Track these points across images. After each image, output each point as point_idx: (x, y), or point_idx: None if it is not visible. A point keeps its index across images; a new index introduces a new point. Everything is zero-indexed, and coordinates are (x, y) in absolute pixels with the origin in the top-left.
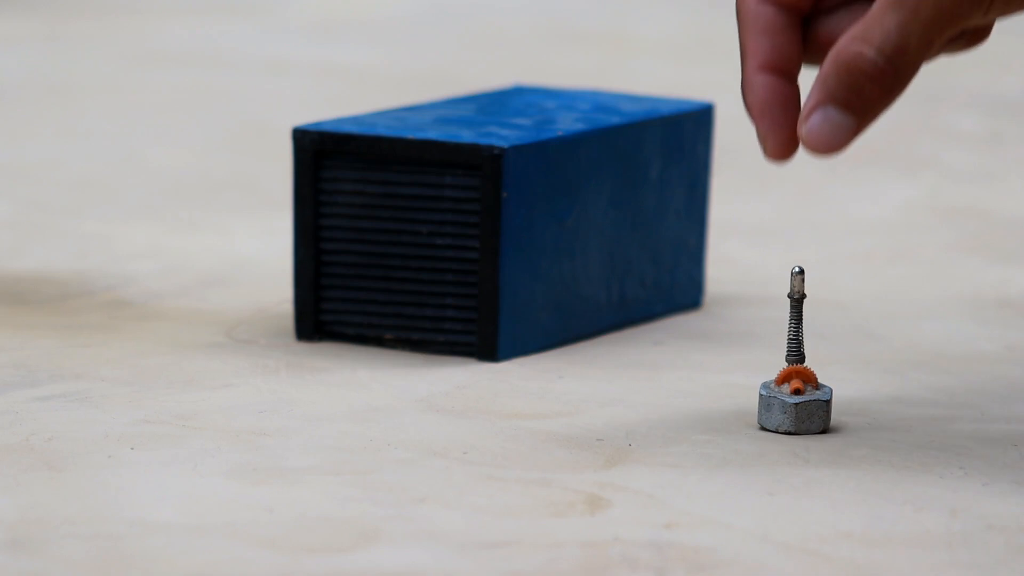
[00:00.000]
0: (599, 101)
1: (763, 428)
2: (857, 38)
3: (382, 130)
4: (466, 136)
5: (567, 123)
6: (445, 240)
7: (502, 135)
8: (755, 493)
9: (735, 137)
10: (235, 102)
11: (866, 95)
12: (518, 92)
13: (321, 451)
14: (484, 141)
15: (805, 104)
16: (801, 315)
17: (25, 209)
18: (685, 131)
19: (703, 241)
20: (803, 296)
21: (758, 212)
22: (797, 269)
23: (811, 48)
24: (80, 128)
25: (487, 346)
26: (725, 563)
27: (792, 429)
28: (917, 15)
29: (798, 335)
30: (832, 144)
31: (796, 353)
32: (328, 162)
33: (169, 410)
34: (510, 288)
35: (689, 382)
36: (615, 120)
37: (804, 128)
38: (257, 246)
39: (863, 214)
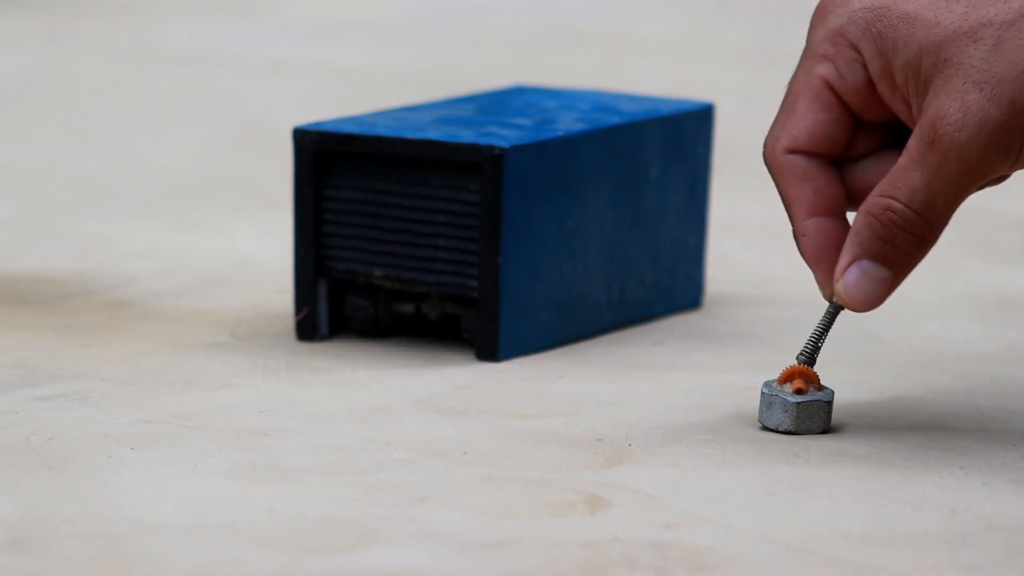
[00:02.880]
0: (599, 101)
1: (764, 427)
2: (886, 192)
3: (382, 130)
4: (466, 136)
5: (567, 123)
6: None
7: (502, 135)
8: (755, 493)
9: (735, 137)
10: (235, 102)
11: (900, 247)
12: (518, 92)
13: (321, 451)
14: (484, 141)
15: (840, 260)
16: (832, 322)
17: (25, 209)
18: (685, 131)
19: (703, 241)
20: (843, 306)
21: (758, 212)
22: None
23: (850, 195)
24: (80, 128)
25: (487, 346)
26: (725, 563)
27: (792, 428)
28: (942, 173)
29: (820, 339)
30: (871, 298)
31: (809, 355)
32: (328, 162)
33: (169, 410)
34: (510, 288)
35: (689, 382)
36: (615, 120)
37: (841, 284)
38: (257, 246)
39: None
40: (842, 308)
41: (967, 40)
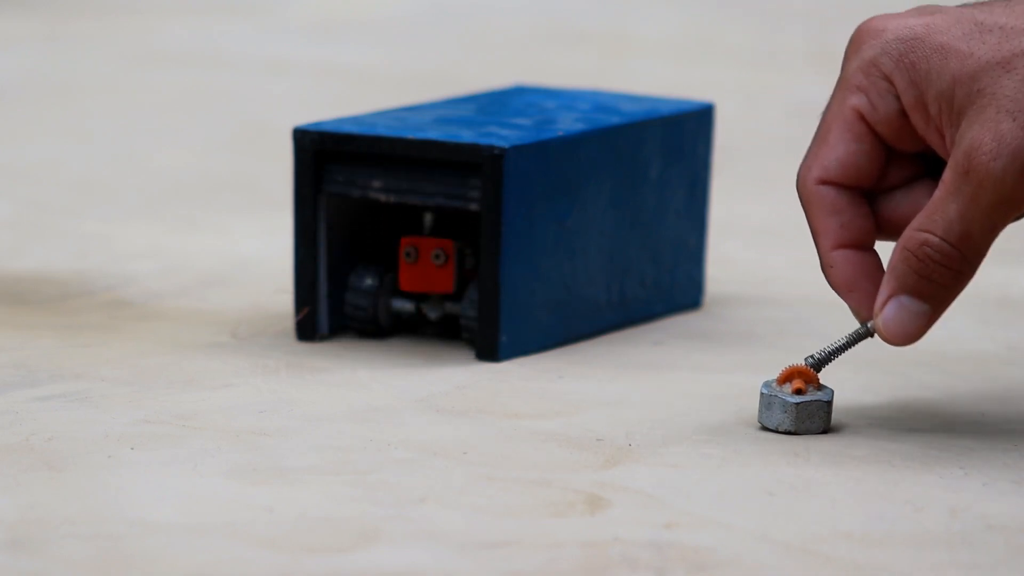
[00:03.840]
0: (599, 101)
1: (763, 427)
2: (922, 226)
3: (382, 130)
4: (466, 136)
5: (567, 123)
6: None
7: (502, 135)
8: (755, 493)
9: (735, 137)
10: (235, 102)
11: (937, 281)
12: (518, 92)
13: (321, 451)
14: (484, 141)
15: (878, 296)
16: (855, 344)
17: (25, 209)
18: (685, 131)
19: (703, 241)
20: (875, 334)
21: (758, 212)
22: None
23: (878, 227)
24: (80, 128)
25: (487, 346)
26: (725, 563)
27: (792, 428)
28: (977, 203)
29: (836, 353)
30: (910, 333)
31: (817, 362)
32: (328, 162)
33: (169, 410)
34: (510, 288)
35: (689, 382)
36: (615, 120)
37: (880, 320)
38: (257, 246)
39: None
40: (871, 335)
41: (1000, 70)
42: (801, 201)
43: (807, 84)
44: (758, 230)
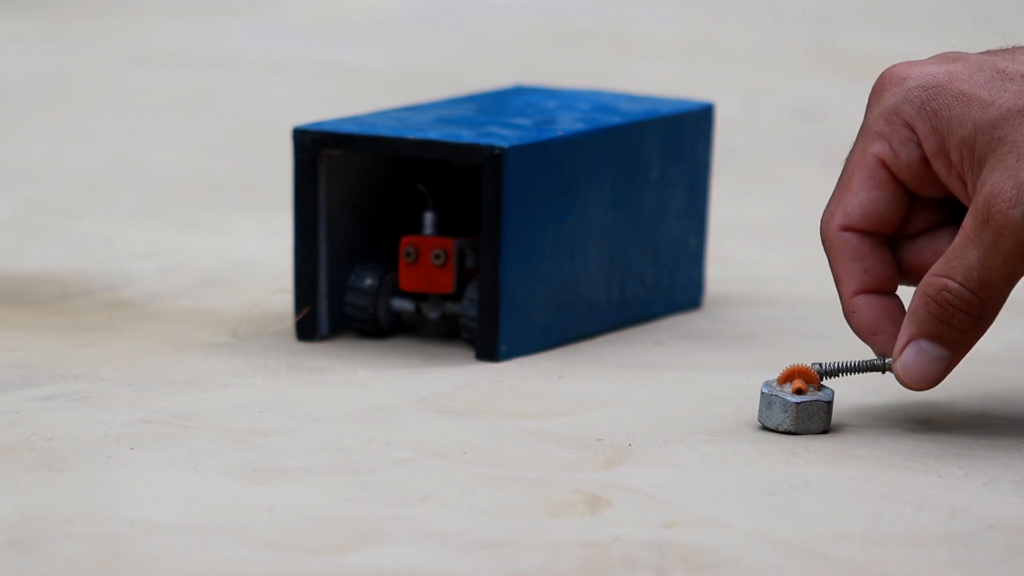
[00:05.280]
0: (599, 101)
1: (763, 427)
2: (942, 271)
3: (382, 130)
4: (466, 136)
5: (567, 123)
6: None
7: (502, 135)
8: (755, 493)
9: (735, 137)
10: (235, 102)
11: (956, 327)
12: (518, 92)
13: (321, 451)
14: (484, 141)
15: (898, 340)
16: (869, 371)
17: (25, 209)
18: (685, 131)
19: (703, 241)
20: (887, 370)
21: (758, 212)
22: None
23: (900, 272)
24: (80, 128)
25: (487, 346)
26: (725, 563)
27: (792, 428)
28: (997, 250)
29: (846, 371)
30: (928, 378)
31: (825, 371)
32: (328, 162)
33: (169, 410)
34: (510, 288)
35: (689, 382)
36: (615, 120)
37: (899, 364)
38: (257, 246)
39: None
40: (884, 370)
41: (1021, 118)
42: (824, 247)
43: (807, 84)
44: (758, 230)
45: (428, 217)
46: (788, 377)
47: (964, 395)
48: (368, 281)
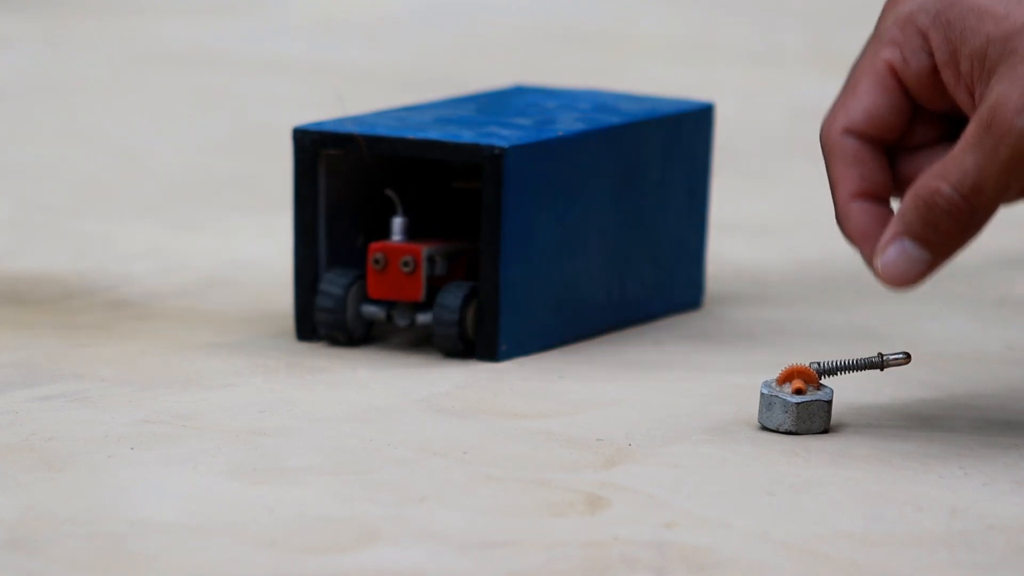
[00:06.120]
0: (599, 101)
1: (764, 427)
2: (936, 175)
3: (382, 130)
4: (466, 136)
5: (567, 123)
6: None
7: (502, 135)
8: (755, 493)
9: (735, 137)
10: (235, 102)
11: (942, 231)
12: (518, 92)
13: (321, 451)
14: (484, 141)
15: (883, 236)
16: (866, 369)
17: (25, 209)
18: (685, 131)
19: (703, 241)
20: (885, 367)
21: (758, 212)
22: (903, 356)
23: (895, 184)
24: (80, 128)
25: (487, 346)
26: (725, 563)
27: (793, 428)
28: (995, 156)
29: (843, 370)
30: (907, 277)
31: (823, 370)
32: (328, 162)
33: (169, 410)
34: (510, 288)
35: (689, 382)
36: (615, 120)
37: (879, 260)
38: (257, 246)
39: None
40: (882, 367)
41: None
42: (823, 150)
43: (807, 84)
44: (758, 230)
45: (397, 223)
46: (787, 377)
47: (964, 395)
48: (337, 289)
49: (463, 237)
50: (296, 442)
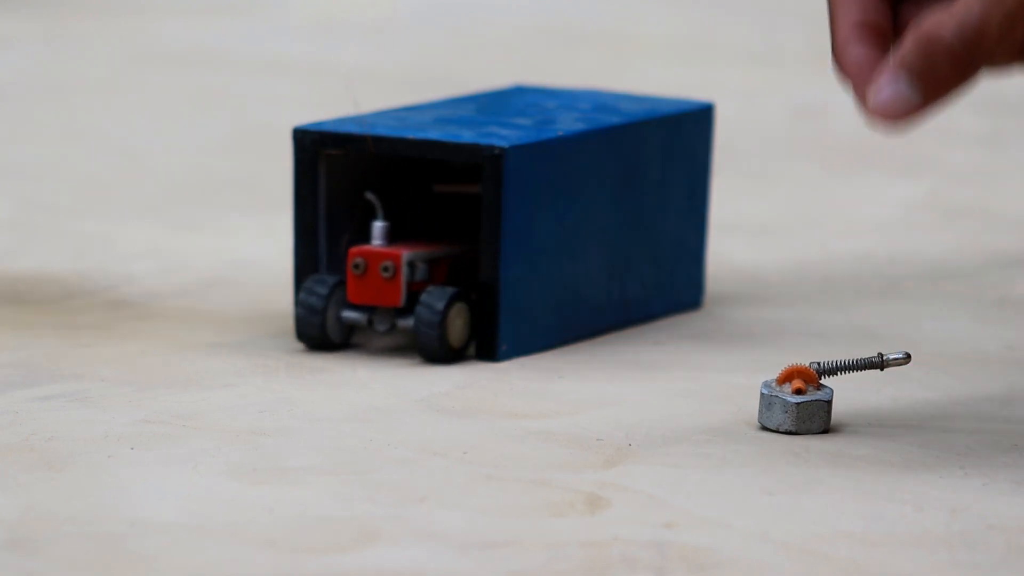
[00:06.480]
0: (599, 101)
1: (764, 427)
2: (940, 17)
3: (382, 130)
4: (466, 136)
5: (567, 123)
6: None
7: (502, 135)
8: (755, 493)
9: (735, 137)
10: (235, 102)
11: (938, 72)
12: (518, 92)
13: (321, 451)
14: (484, 141)
15: (880, 71)
16: (865, 369)
17: (25, 209)
18: (685, 131)
19: (703, 241)
20: (885, 367)
21: (758, 212)
22: (903, 356)
23: (898, 32)
24: (80, 128)
25: (487, 346)
26: (725, 563)
27: (793, 428)
28: (1002, 3)
29: (842, 370)
30: (896, 113)
31: (823, 370)
32: (328, 162)
33: (169, 410)
34: (510, 288)
35: (689, 382)
36: (615, 120)
37: (872, 92)
38: (257, 246)
39: (863, 214)
40: (882, 367)
41: None
42: None
43: (807, 84)
44: (758, 230)
45: (377, 227)
46: (787, 377)
47: (964, 395)
48: (317, 294)
49: (451, 241)
50: (296, 442)
